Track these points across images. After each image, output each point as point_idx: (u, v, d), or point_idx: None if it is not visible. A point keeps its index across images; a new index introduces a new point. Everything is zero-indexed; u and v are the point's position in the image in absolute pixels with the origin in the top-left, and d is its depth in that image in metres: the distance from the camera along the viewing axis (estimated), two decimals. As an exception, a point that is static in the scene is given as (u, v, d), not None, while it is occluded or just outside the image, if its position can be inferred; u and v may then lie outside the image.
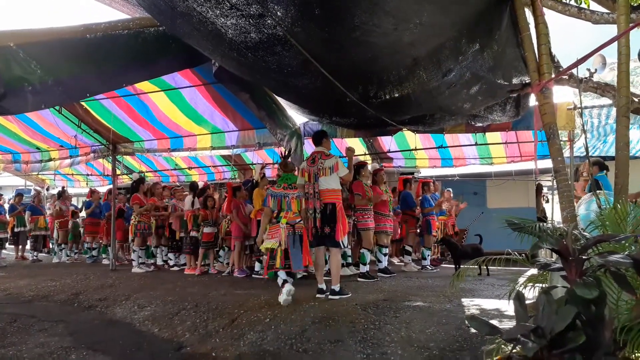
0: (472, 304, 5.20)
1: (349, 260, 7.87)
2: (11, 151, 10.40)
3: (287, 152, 6.44)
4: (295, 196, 5.57)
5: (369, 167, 7.92)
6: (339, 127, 7.76)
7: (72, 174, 13.92)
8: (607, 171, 6.72)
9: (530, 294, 3.78)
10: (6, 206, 11.71)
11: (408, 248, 8.74)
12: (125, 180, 13.49)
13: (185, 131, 8.58)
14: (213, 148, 8.55)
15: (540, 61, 3.92)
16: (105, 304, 5.83)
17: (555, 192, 12.59)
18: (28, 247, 11.93)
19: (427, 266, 8.50)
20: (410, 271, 8.38)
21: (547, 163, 10.63)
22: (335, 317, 4.68)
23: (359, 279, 6.99)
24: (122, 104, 7.97)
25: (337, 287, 5.50)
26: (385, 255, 7.65)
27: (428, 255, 8.60)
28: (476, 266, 7.79)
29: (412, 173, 11.73)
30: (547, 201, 17.36)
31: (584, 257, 2.49)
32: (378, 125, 7.14)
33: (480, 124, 6.70)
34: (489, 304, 5.19)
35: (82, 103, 8.14)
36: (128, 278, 7.87)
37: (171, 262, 9.26)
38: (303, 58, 3.82)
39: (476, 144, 7.66)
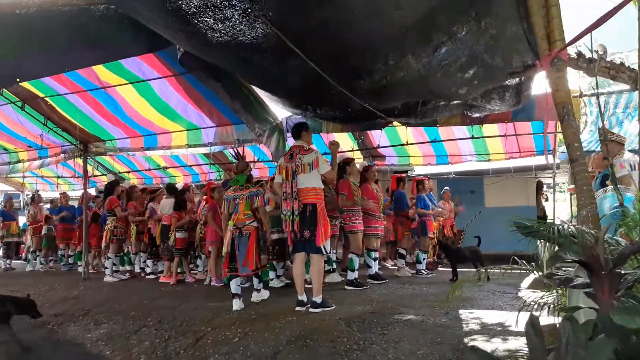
0: (471, 317, 4.57)
1: (335, 266, 7.25)
2: (-25, 153, 9.72)
3: (240, 153, 6.06)
4: (246, 196, 5.44)
5: (358, 164, 7.31)
6: (324, 121, 7.13)
7: (51, 177, 13.15)
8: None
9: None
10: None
11: (402, 251, 8.11)
12: (105, 181, 12.79)
13: (159, 128, 7.93)
14: (189, 146, 7.89)
15: (550, 26, 3.29)
16: (59, 320, 5.18)
17: (557, 189, 12.02)
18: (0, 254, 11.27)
19: (422, 270, 7.89)
20: (403, 276, 7.76)
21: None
22: (314, 336, 4.05)
23: (346, 287, 6.37)
24: (89, 99, 7.31)
25: (318, 299, 4.88)
26: (375, 260, 7.03)
27: (423, 259, 8.00)
28: (476, 271, 7.21)
29: (406, 171, 11.09)
30: (547, 199, 16.82)
31: (620, 271, 1.87)
32: (366, 118, 6.50)
33: (477, 114, 6.08)
34: (491, 316, 4.58)
35: (47, 99, 7.50)
36: (97, 289, 7.23)
37: (148, 270, 8.59)
38: (276, 39, 3.22)
39: (472, 138, 7.03)
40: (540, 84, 5.65)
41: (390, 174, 10.46)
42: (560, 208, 17.39)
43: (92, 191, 12.69)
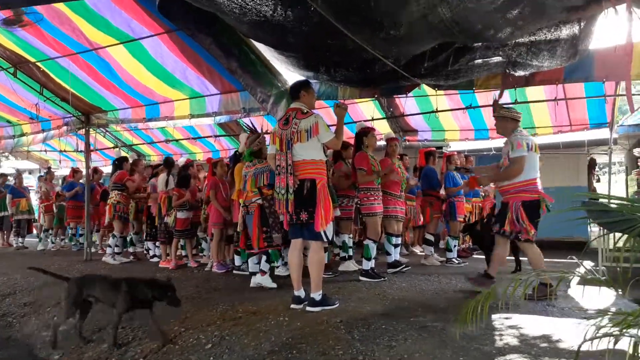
0: (507, 325, 3.59)
1: (351, 252, 6.34)
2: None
3: (253, 125, 5.62)
4: (252, 173, 5.17)
5: (382, 135, 6.34)
6: (339, 86, 6.16)
7: (70, 151, 12.62)
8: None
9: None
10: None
11: (429, 237, 7.11)
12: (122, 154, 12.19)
13: (160, 96, 7.16)
14: (192, 116, 7.10)
15: None
16: (25, 311, 4.55)
17: (613, 167, 10.64)
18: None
19: (453, 259, 6.89)
20: (431, 265, 6.79)
21: (602, 133, 8.79)
22: (302, 345, 3.21)
23: (360, 278, 5.46)
24: (82, 64, 6.59)
25: (317, 296, 4.00)
26: (395, 246, 6.08)
27: (454, 245, 6.99)
28: (519, 277, 6.17)
29: (441, 147, 9.97)
30: (598, 180, 15.31)
31: None
32: (388, 80, 5.54)
33: (521, 72, 4.98)
34: (532, 324, 3.60)
35: (39, 64, 6.84)
36: (92, 272, 6.59)
37: (151, 252, 7.92)
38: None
39: (516, 102, 5.88)
40: (601, 35, 4.50)
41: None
42: (613, 190, 15.90)
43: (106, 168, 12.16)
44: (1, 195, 10.53)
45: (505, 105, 5.12)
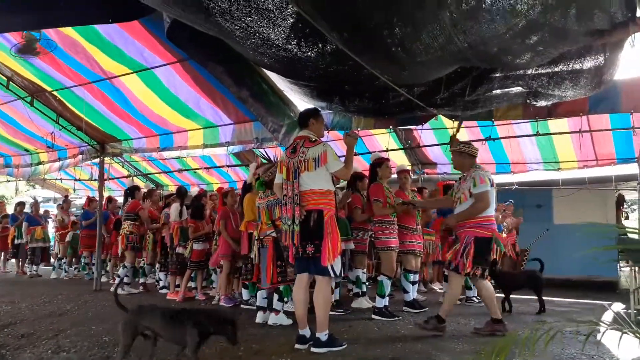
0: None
1: (364, 288, 6.05)
2: (1, 154, 9.36)
3: (267, 154, 5.52)
4: (264, 205, 4.98)
5: (394, 167, 6.13)
6: (354, 116, 6.02)
7: (86, 180, 12.68)
8: None
9: None
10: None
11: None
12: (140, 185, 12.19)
13: (174, 126, 7.12)
14: (205, 146, 7.02)
15: None
16: (21, 343, 4.35)
17: (643, 204, 10.21)
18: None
19: (473, 298, 6.54)
20: (450, 304, 6.44)
21: (631, 168, 8.42)
22: (303, 391, 2.94)
23: (373, 317, 5.18)
24: (96, 93, 6.61)
25: (323, 336, 3.74)
26: (413, 283, 5.79)
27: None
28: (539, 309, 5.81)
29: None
30: (627, 217, 14.70)
31: None
32: (403, 110, 5.39)
33: (543, 103, 4.76)
34: None
35: (55, 93, 6.90)
36: (96, 303, 6.44)
37: (162, 283, 7.74)
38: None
39: (537, 134, 5.63)
40: (629, 65, 4.28)
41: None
42: (642, 228, 15.27)
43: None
44: (18, 223, 10.58)
45: (462, 141, 5.11)
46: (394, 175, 6.06)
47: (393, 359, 3.54)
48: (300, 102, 5.75)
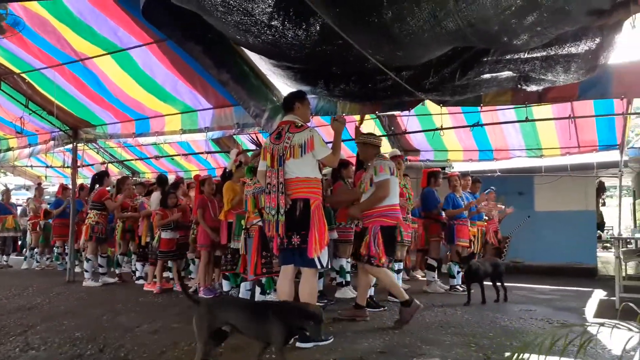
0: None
1: (349, 277, 5.92)
2: (-33, 138, 8.91)
3: (257, 139, 5.16)
4: (251, 193, 4.70)
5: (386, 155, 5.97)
6: (339, 101, 5.83)
7: (59, 166, 12.19)
8: None
9: None
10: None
11: (432, 262, 6.71)
12: (115, 172, 11.78)
13: (150, 110, 6.81)
14: (183, 131, 6.74)
15: None
16: (-15, 340, 4.10)
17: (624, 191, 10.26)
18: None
19: (457, 286, 6.48)
20: (434, 292, 6.39)
21: (612, 155, 8.44)
22: (289, 390, 2.78)
23: (358, 307, 5.04)
24: (68, 75, 6.29)
25: (309, 330, 3.59)
26: (397, 272, 5.67)
27: (458, 272, 6.57)
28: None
29: (444, 168, 9.60)
30: (604, 204, 14.88)
31: None
32: (390, 95, 5.21)
33: (534, 87, 4.63)
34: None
35: (24, 76, 6.54)
36: (68, 296, 6.18)
37: (138, 274, 7.48)
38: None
39: (526, 120, 5.53)
40: (621, 50, 4.16)
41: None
42: (613, 215, 15.44)
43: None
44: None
45: (365, 132, 5.10)
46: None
47: (382, 352, 3.40)
48: (283, 86, 5.53)
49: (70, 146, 8.11)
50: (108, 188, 7.61)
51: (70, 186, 9.43)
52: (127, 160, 11.12)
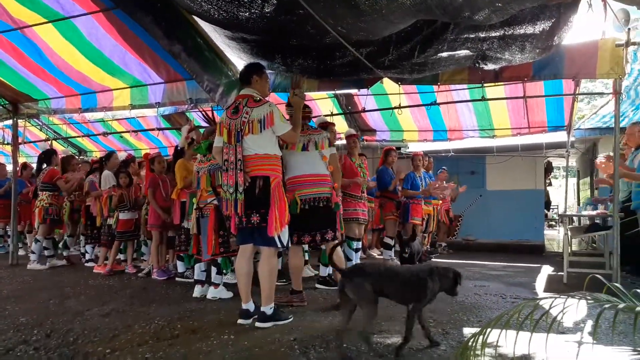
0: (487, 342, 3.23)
1: (307, 257, 5.88)
2: None
3: (209, 115, 4.89)
4: (206, 170, 4.51)
5: (341, 135, 5.94)
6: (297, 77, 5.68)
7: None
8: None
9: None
10: None
11: (388, 240, 6.76)
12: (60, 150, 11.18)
13: (97, 84, 6.45)
14: (133, 107, 6.44)
15: None
16: None
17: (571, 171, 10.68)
18: None
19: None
20: (391, 270, 6.43)
21: (559, 136, 8.76)
22: (249, 371, 2.71)
23: (317, 286, 5.03)
24: (6, 45, 5.84)
25: (269, 309, 3.52)
26: (356, 251, 5.67)
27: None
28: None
29: (399, 148, 9.69)
30: (550, 184, 15.48)
31: None
32: (349, 71, 5.14)
33: (491, 66, 4.67)
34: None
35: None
36: (11, 279, 5.86)
37: (88, 256, 7.17)
38: None
39: (482, 99, 5.60)
40: (574, 31, 4.24)
41: (380, 150, 9.08)
42: (558, 194, 16.13)
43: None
44: None
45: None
46: (343, 141, 5.86)
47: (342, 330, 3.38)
48: (239, 60, 5.35)
49: (9, 122, 7.62)
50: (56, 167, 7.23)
51: (6, 165, 8.96)
52: (72, 138, 10.59)
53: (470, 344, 1.63)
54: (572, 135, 8.25)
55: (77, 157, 8.30)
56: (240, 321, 3.58)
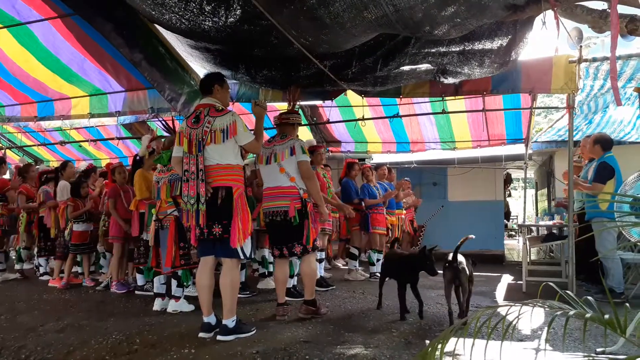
0: (445, 350, 3.26)
1: (271, 268, 5.83)
2: None
3: (169, 124, 4.78)
4: (167, 180, 4.42)
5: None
6: (261, 88, 5.69)
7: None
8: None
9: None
10: None
11: (353, 250, 6.79)
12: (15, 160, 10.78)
13: (54, 92, 6.25)
14: (92, 115, 6.27)
15: None
16: None
17: (528, 183, 11.00)
18: None
19: (377, 273, 6.58)
20: (355, 280, 6.46)
21: (518, 148, 9.05)
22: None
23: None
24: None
25: (230, 322, 3.47)
26: (320, 261, 5.67)
27: (377, 259, 6.69)
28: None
29: (363, 160, 9.78)
30: (510, 195, 15.90)
31: None
32: (313, 83, 5.17)
33: (451, 80, 4.78)
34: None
35: None
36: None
37: (42, 270, 6.89)
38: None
39: (443, 112, 5.71)
40: (529, 47, 4.39)
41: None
42: (517, 205, 16.60)
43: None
44: None
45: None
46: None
47: (306, 342, 3.36)
48: (202, 70, 5.30)
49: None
50: (6, 176, 6.95)
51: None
52: (27, 146, 10.21)
53: (429, 351, 1.63)
54: (530, 148, 8.52)
55: (37, 167, 7.96)
56: (201, 335, 3.51)
